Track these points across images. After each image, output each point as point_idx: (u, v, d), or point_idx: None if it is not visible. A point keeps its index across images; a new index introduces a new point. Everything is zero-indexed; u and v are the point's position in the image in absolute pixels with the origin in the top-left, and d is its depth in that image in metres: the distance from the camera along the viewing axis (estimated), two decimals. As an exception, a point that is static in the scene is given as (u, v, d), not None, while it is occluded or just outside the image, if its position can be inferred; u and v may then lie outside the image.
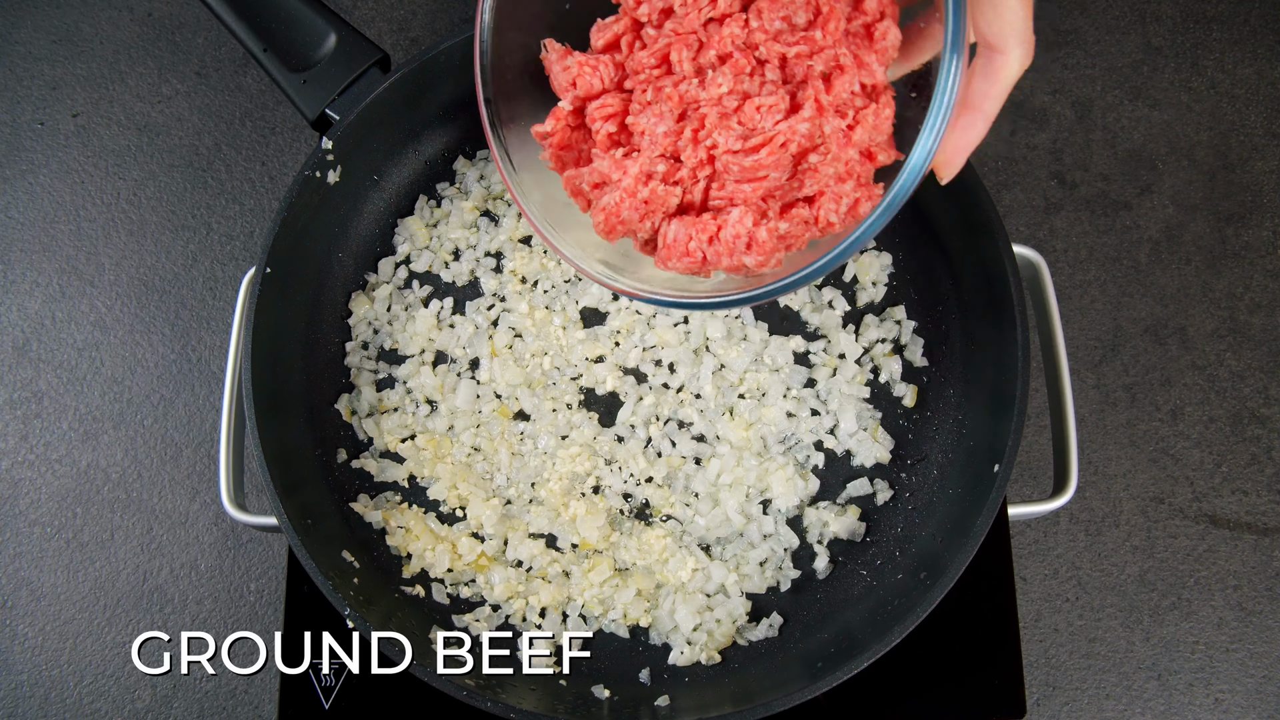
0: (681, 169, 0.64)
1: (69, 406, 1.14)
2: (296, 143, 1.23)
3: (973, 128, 0.62)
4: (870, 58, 0.64)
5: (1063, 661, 1.05)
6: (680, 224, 0.65)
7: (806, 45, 0.63)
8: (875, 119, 0.63)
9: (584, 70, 0.66)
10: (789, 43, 0.63)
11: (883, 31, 0.63)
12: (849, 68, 0.63)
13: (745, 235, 0.63)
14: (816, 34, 0.63)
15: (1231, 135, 1.21)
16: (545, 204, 0.71)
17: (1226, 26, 1.25)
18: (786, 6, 0.64)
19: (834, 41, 0.63)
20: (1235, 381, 1.13)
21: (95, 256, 1.20)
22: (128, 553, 1.10)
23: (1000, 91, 0.61)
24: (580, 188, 0.68)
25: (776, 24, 0.64)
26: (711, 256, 0.64)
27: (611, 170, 0.65)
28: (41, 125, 1.25)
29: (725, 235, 0.63)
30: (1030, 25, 0.59)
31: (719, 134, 0.63)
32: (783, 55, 0.64)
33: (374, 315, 1.04)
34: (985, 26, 0.59)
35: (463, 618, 0.93)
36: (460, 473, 0.97)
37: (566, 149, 0.68)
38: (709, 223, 0.64)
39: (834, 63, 0.63)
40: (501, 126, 0.70)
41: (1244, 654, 1.05)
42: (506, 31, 0.68)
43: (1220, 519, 1.08)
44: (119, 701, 1.05)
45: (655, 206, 0.65)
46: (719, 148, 0.63)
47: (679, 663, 0.92)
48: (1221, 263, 1.17)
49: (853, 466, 0.99)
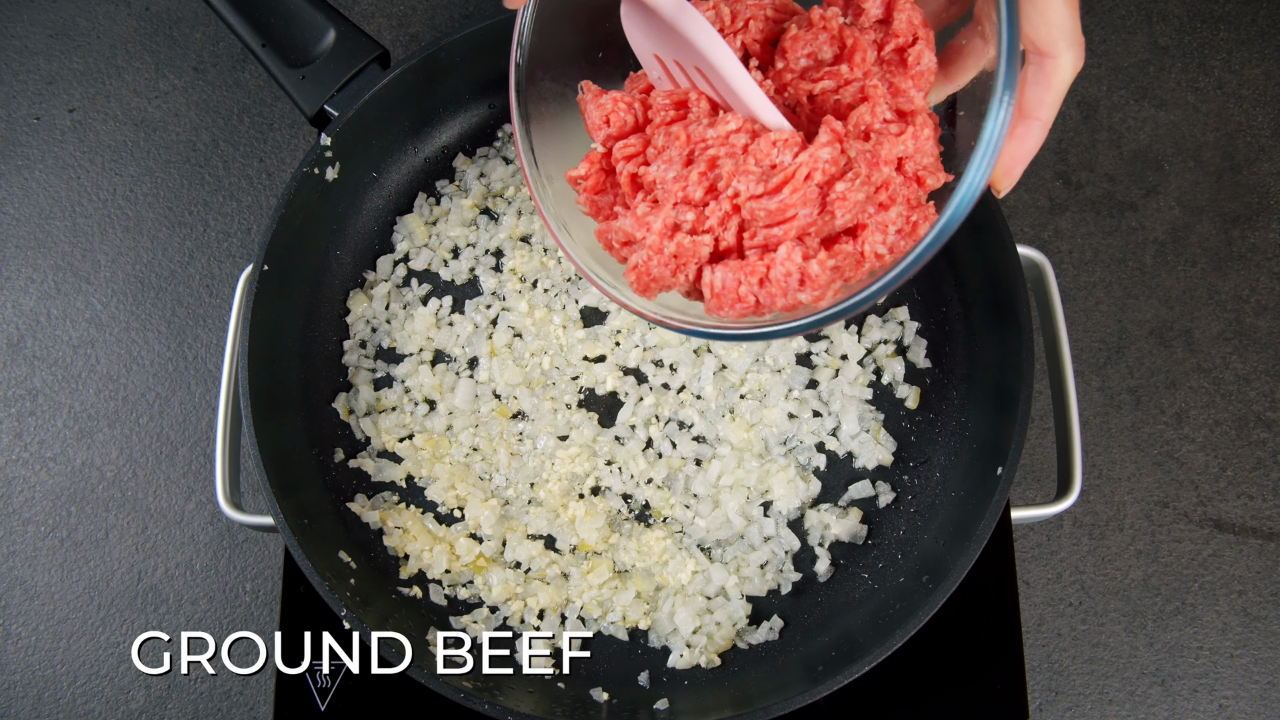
0: (709, 216, 0.62)
1: (64, 404, 1.14)
2: (295, 139, 1.23)
3: (1030, 136, 0.61)
4: (906, 83, 0.62)
5: (1066, 666, 1.05)
6: (725, 270, 0.62)
7: (833, 80, 0.62)
8: (914, 141, 0.61)
9: (617, 106, 0.66)
10: (814, 79, 0.62)
11: (916, 56, 0.62)
12: (876, 96, 0.61)
13: (797, 271, 0.59)
14: (843, 68, 0.62)
15: (1238, 136, 1.20)
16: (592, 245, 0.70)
17: (1234, 26, 1.24)
18: (811, 43, 0.63)
19: (865, 73, 0.62)
20: (1241, 385, 1.12)
21: (91, 253, 1.19)
22: (122, 552, 1.09)
23: (1055, 97, 0.60)
24: (611, 243, 0.67)
25: (802, 62, 0.63)
26: (765, 299, 0.61)
27: (635, 229, 0.63)
28: (37, 120, 1.24)
29: (776, 275, 0.60)
30: (1078, 26, 0.59)
31: (738, 181, 0.60)
32: (809, 93, 0.63)
33: (372, 313, 1.03)
34: (1033, 32, 0.58)
35: (460, 619, 0.93)
36: (458, 473, 0.97)
37: (600, 193, 0.67)
38: (756, 264, 0.61)
39: (859, 94, 0.62)
40: (539, 167, 0.69)
41: (1248, 660, 1.04)
42: (539, 67, 0.68)
43: (1225, 523, 1.08)
44: (113, 702, 1.05)
45: (686, 259, 0.62)
46: (741, 195, 0.60)
47: (678, 666, 0.92)
48: (1228, 265, 1.16)
49: (854, 468, 0.98)
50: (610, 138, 0.66)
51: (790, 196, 0.59)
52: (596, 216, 0.68)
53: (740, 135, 0.61)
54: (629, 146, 0.65)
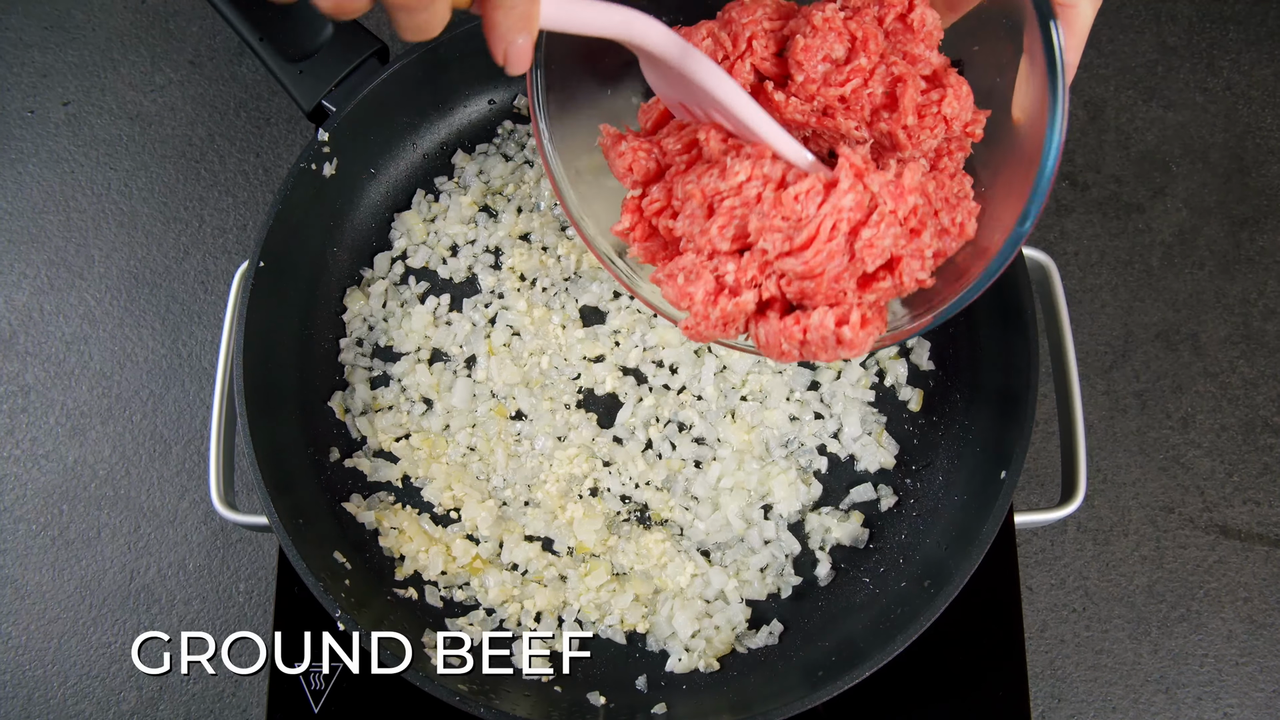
0: (746, 269, 0.63)
1: (56, 401, 1.14)
2: (292, 134, 1.23)
3: None
4: (919, 48, 0.63)
5: (1069, 673, 1.04)
6: (766, 328, 0.64)
7: (858, 76, 0.63)
8: (958, 101, 0.63)
9: (637, 156, 0.67)
10: (839, 82, 0.63)
11: (920, 18, 0.63)
12: (907, 74, 0.62)
13: (832, 335, 0.61)
14: (861, 59, 0.62)
15: (1247, 138, 1.21)
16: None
17: (1243, 27, 1.24)
18: (823, 47, 0.63)
19: (881, 55, 0.62)
20: (1248, 389, 1.12)
21: (85, 248, 1.19)
22: (115, 551, 1.09)
23: (1078, 41, 0.62)
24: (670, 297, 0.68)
25: (821, 68, 0.63)
26: (809, 355, 0.63)
27: (679, 299, 0.64)
28: (31, 113, 1.24)
29: (812, 339, 0.62)
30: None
31: (765, 239, 0.61)
32: (840, 97, 0.63)
33: (369, 311, 1.03)
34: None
35: (456, 621, 0.92)
36: (455, 473, 0.96)
37: (650, 239, 0.68)
38: (792, 327, 0.62)
39: (890, 78, 0.63)
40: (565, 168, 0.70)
41: (1254, 668, 1.04)
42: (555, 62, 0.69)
43: (1231, 530, 1.08)
44: (104, 703, 1.05)
45: (732, 320, 0.64)
46: (769, 253, 0.61)
47: (677, 670, 0.91)
48: (1235, 268, 1.16)
49: (856, 471, 0.98)
50: (636, 183, 0.67)
51: (815, 258, 0.60)
52: (654, 262, 0.68)
53: (753, 184, 0.61)
54: (655, 202, 0.66)
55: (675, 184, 0.65)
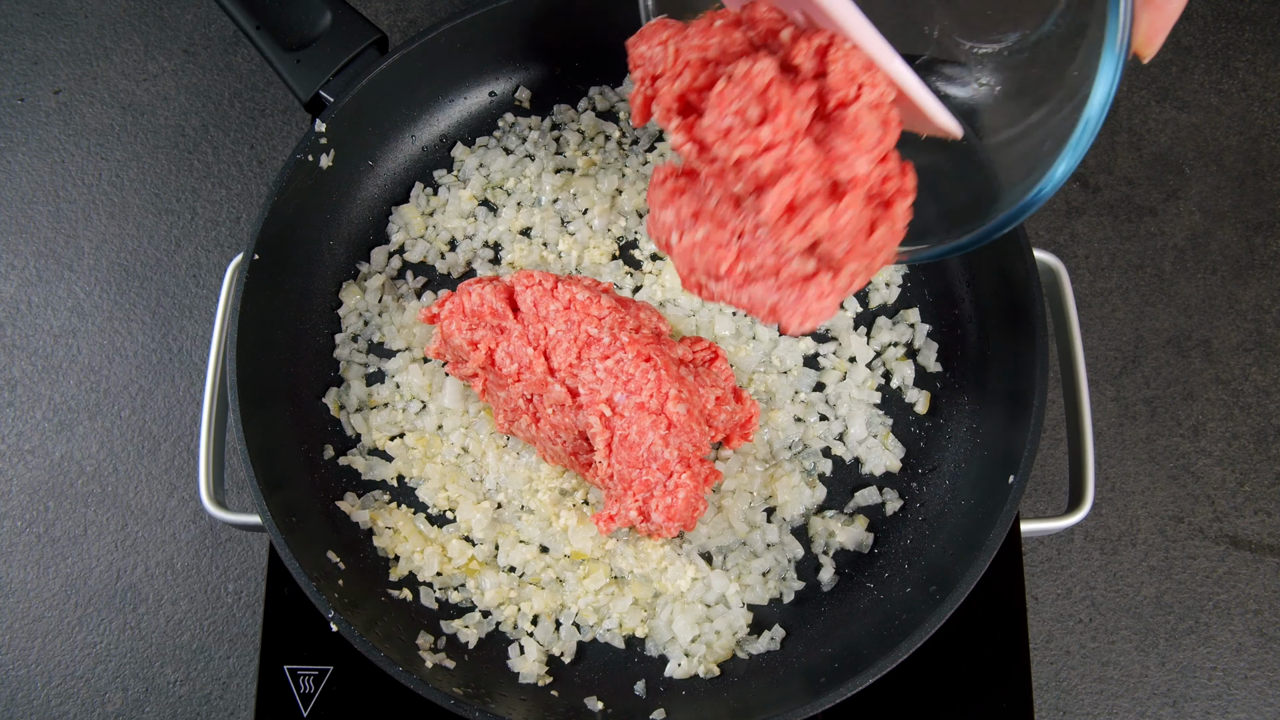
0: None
1: (43, 395, 1.13)
2: (288, 125, 1.23)
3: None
4: (846, 146, 0.59)
5: (1074, 685, 1.04)
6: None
7: (751, 146, 0.59)
8: (832, 222, 0.62)
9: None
10: (735, 141, 0.60)
11: (854, 117, 0.59)
12: (800, 165, 0.60)
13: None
14: (763, 131, 0.59)
15: (1262, 140, 1.20)
16: None
17: (1260, 27, 1.24)
18: (739, 99, 0.59)
19: (792, 136, 0.59)
20: (1260, 397, 1.12)
21: (74, 240, 1.19)
22: (101, 549, 1.08)
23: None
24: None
25: (728, 120, 0.60)
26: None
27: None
28: (21, 101, 1.24)
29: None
30: None
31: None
32: (732, 157, 0.60)
33: (365, 306, 1.02)
34: None
35: (451, 623, 0.91)
36: (450, 474, 0.96)
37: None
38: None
39: (784, 165, 0.60)
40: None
41: (1263, 681, 1.04)
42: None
43: (1241, 540, 1.07)
44: (88, 704, 1.04)
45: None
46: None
47: (676, 675, 0.91)
48: (1249, 273, 1.16)
49: (861, 475, 0.97)
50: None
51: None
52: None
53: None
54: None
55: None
